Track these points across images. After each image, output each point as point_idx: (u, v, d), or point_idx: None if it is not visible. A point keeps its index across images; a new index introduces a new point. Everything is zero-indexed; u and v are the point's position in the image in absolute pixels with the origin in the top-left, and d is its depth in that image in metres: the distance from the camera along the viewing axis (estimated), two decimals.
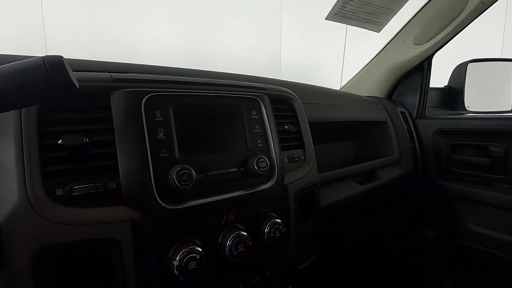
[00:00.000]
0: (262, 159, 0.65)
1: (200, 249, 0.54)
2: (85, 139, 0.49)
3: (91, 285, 0.49)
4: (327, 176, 0.99)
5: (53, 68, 0.36)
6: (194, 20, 2.06)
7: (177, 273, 0.51)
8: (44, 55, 0.37)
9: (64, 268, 0.47)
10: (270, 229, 0.64)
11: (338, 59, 2.54)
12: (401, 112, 1.45)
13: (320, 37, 2.49)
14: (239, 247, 0.58)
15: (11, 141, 0.44)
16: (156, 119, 0.55)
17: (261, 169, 0.65)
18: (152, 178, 0.52)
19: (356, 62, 1.63)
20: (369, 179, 1.21)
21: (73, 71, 0.39)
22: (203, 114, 0.62)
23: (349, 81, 1.59)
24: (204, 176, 0.59)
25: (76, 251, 0.46)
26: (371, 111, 1.35)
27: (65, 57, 0.38)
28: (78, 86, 0.40)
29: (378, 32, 1.44)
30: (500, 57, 2.00)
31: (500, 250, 1.23)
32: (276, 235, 0.64)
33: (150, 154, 0.53)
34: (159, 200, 0.52)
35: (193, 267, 0.52)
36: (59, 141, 0.48)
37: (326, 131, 0.85)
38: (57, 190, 0.46)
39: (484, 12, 1.21)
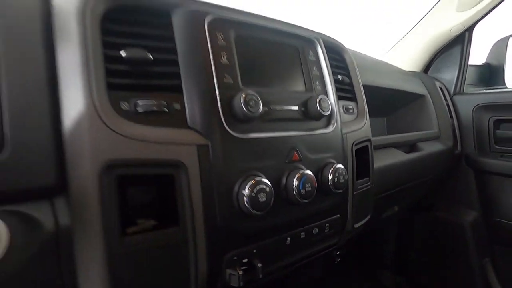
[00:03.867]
0: (324, 99, 0.60)
1: (268, 183, 0.49)
2: (149, 54, 0.45)
3: (153, 213, 0.45)
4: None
5: None
6: None
7: (247, 206, 0.47)
8: None
9: (128, 190, 0.43)
10: (334, 175, 0.59)
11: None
12: (439, 87, 1.38)
13: None
14: (307, 185, 0.53)
15: (76, 47, 0.40)
16: (219, 43, 0.51)
17: (324, 110, 0.59)
18: (219, 103, 0.48)
19: None
20: (411, 151, 1.14)
21: None
22: (262, 47, 0.57)
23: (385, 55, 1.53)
24: (268, 109, 0.54)
25: (142, 170, 0.42)
26: (410, 84, 1.28)
27: None
28: None
29: None
30: None
31: None
32: (340, 181, 0.59)
33: (216, 78, 0.48)
34: (226, 127, 0.48)
35: (263, 200, 0.47)
36: (123, 53, 0.43)
37: None
38: (121, 103, 0.42)
39: None
